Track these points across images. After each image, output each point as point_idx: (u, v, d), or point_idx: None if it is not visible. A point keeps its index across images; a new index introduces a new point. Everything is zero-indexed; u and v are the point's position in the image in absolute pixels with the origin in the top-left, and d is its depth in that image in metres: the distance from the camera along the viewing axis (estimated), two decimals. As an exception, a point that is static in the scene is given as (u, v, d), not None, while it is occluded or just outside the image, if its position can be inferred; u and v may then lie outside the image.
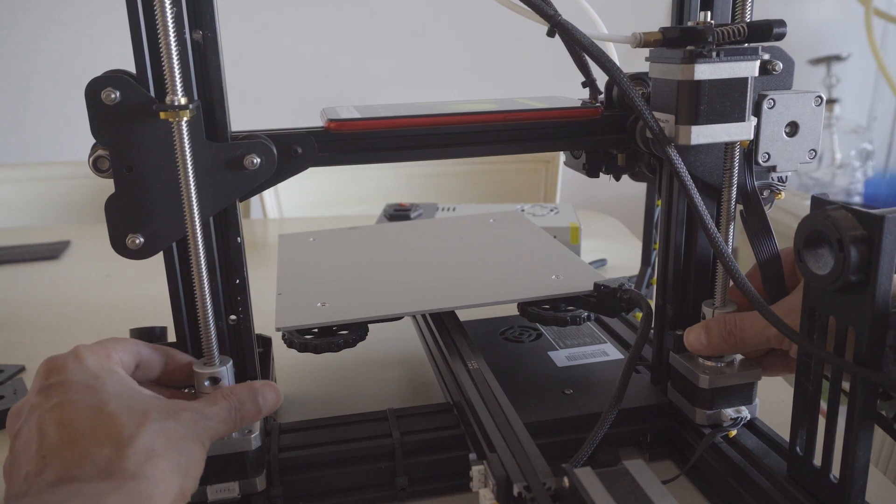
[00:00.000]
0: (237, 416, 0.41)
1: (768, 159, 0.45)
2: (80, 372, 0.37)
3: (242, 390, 0.42)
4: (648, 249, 0.70)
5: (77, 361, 0.38)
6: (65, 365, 0.38)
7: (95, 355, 0.39)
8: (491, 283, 0.60)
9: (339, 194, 1.51)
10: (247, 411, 0.41)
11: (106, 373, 0.38)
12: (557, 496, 0.36)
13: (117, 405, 0.36)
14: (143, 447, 0.34)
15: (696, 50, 0.41)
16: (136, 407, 0.36)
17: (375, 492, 0.48)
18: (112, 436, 0.34)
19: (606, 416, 0.44)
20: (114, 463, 0.33)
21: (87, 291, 0.94)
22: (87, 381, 0.37)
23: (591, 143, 0.51)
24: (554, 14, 0.42)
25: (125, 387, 0.38)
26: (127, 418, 0.35)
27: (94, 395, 0.36)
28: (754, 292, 0.40)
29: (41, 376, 0.38)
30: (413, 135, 0.47)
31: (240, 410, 0.41)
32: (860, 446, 0.37)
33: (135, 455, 0.33)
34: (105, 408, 0.35)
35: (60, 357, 0.39)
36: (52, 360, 0.39)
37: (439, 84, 2.08)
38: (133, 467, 0.33)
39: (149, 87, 0.40)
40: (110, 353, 0.40)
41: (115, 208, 0.41)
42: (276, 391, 0.43)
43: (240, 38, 1.66)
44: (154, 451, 0.34)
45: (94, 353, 0.39)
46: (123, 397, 0.37)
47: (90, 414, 0.35)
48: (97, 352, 0.39)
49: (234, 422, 0.41)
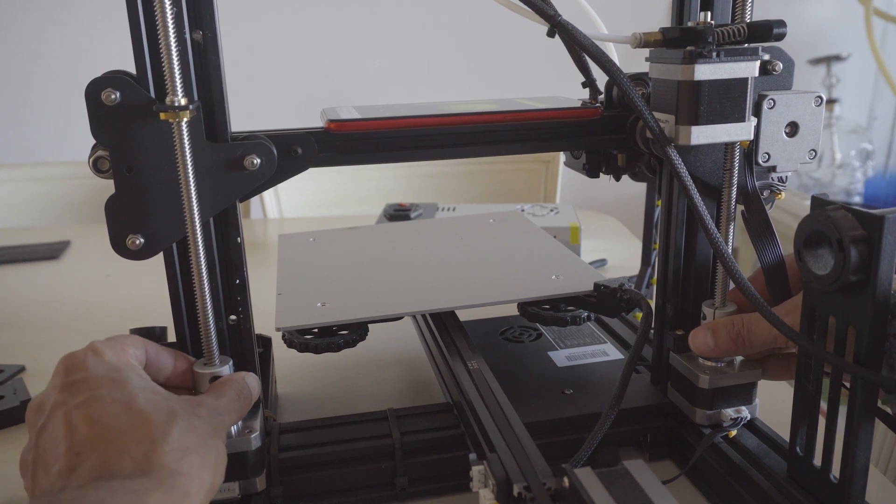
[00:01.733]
0: (239, 407, 0.42)
1: (768, 159, 0.45)
2: (101, 367, 0.38)
3: (236, 379, 0.43)
4: (648, 249, 0.70)
5: (97, 357, 0.38)
6: (85, 361, 0.38)
7: (113, 350, 0.39)
8: (491, 283, 0.60)
9: (339, 194, 1.51)
10: (246, 399, 0.42)
11: (127, 367, 0.39)
12: (557, 496, 0.36)
13: (145, 401, 0.36)
14: (178, 444, 0.34)
15: (696, 50, 0.41)
16: (163, 403, 0.37)
17: (375, 492, 0.48)
18: (147, 432, 0.34)
19: (606, 416, 0.44)
20: (152, 459, 0.33)
21: (87, 291, 0.94)
22: (110, 376, 0.37)
23: (591, 143, 0.51)
24: (554, 14, 0.42)
25: (147, 381, 0.39)
26: (158, 415, 0.35)
27: (120, 390, 0.36)
28: (754, 292, 0.40)
29: (61, 373, 0.38)
30: (413, 135, 0.47)
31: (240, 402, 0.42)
32: (860, 446, 0.37)
33: (171, 451, 0.34)
34: (134, 403, 0.36)
35: (79, 353, 0.39)
36: (70, 357, 0.39)
37: (439, 84, 2.08)
38: (171, 463, 0.33)
39: (149, 87, 0.40)
40: (125, 347, 0.40)
41: (116, 209, 0.41)
42: (255, 378, 0.45)
43: (240, 38, 1.66)
44: (188, 448, 0.35)
45: (111, 348, 0.39)
46: (148, 392, 0.37)
47: (120, 410, 0.35)
48: (113, 347, 0.40)
49: (237, 413, 0.41)
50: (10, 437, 0.58)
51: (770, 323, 0.39)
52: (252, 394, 0.43)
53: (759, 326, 0.43)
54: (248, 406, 0.43)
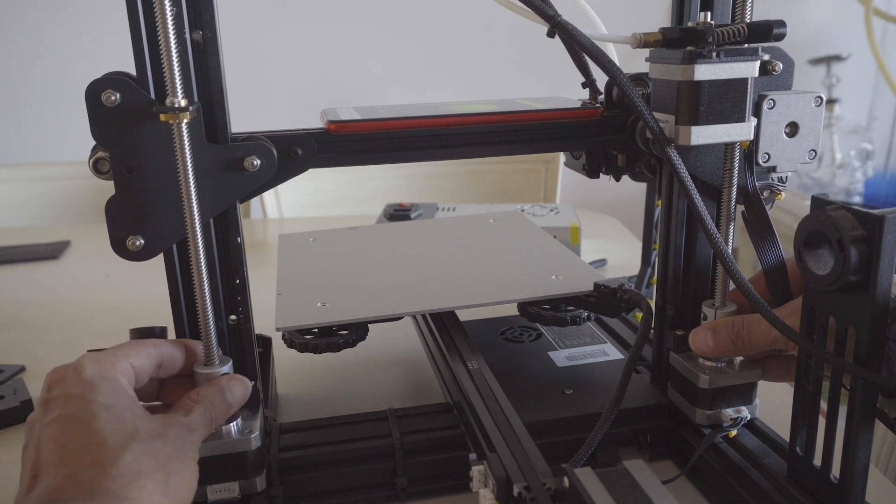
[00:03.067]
0: (211, 419, 0.40)
1: (768, 160, 0.45)
2: (77, 384, 0.37)
3: (210, 390, 0.42)
4: (648, 249, 0.70)
5: (76, 373, 0.37)
6: (64, 377, 0.37)
7: (98, 364, 0.38)
8: (491, 283, 0.60)
9: (339, 194, 1.52)
10: (217, 411, 0.41)
11: (103, 382, 0.37)
12: (557, 496, 0.36)
13: (105, 421, 0.35)
14: (128, 468, 0.33)
15: (696, 50, 0.41)
16: (126, 425, 0.35)
17: (375, 492, 0.48)
18: (97, 456, 0.33)
19: (606, 416, 0.44)
20: (97, 484, 0.32)
21: (87, 291, 0.94)
22: (81, 393, 0.36)
23: (591, 143, 0.51)
24: (554, 15, 0.42)
25: (119, 397, 0.37)
26: (113, 438, 0.34)
27: (84, 408, 0.35)
28: (755, 293, 0.40)
29: (44, 389, 0.37)
30: (413, 136, 0.47)
31: (212, 412, 0.41)
32: (860, 446, 0.37)
33: (119, 475, 0.33)
34: (93, 424, 0.35)
35: (62, 368, 0.38)
36: (53, 371, 0.38)
37: (439, 85, 2.08)
38: (117, 488, 0.32)
39: (149, 88, 0.40)
40: (117, 360, 0.39)
41: (116, 210, 0.41)
42: (243, 382, 0.43)
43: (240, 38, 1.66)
44: (140, 473, 0.34)
45: (97, 361, 0.38)
46: (115, 410, 0.36)
47: (79, 430, 0.34)
48: (102, 360, 0.39)
49: (209, 424, 0.40)
50: (9, 438, 0.59)
51: (770, 323, 0.39)
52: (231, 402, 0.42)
53: (760, 327, 0.43)
54: (221, 418, 0.41)
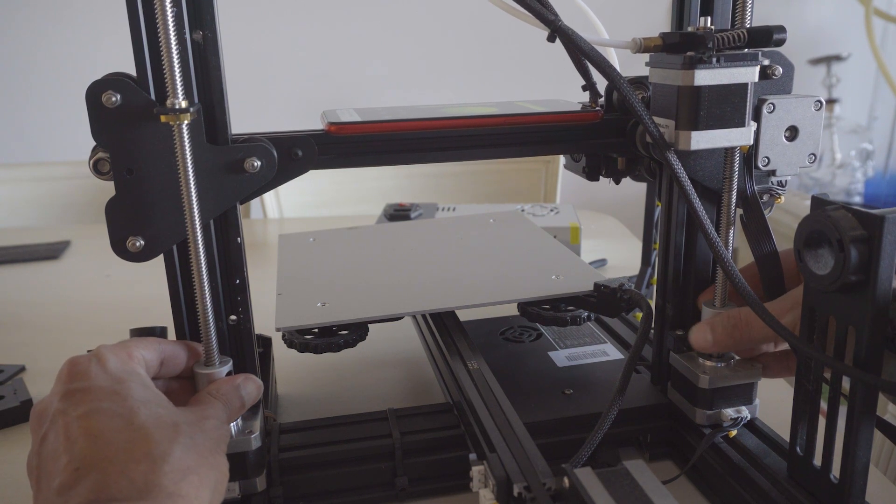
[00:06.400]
0: (230, 414, 0.41)
1: (768, 163, 0.45)
2: (103, 377, 0.37)
3: (226, 387, 0.42)
4: (648, 249, 0.70)
5: (100, 365, 0.37)
6: (88, 369, 0.37)
7: (118, 357, 0.38)
8: (491, 283, 0.60)
9: (338, 194, 1.52)
10: (234, 407, 0.42)
11: (130, 376, 0.38)
12: (557, 496, 0.36)
13: (146, 416, 0.35)
14: (178, 464, 0.34)
15: (696, 55, 0.41)
16: (166, 419, 0.36)
17: (375, 492, 0.48)
18: (146, 451, 0.33)
19: (606, 416, 0.44)
20: (151, 481, 0.32)
21: (87, 291, 0.94)
22: (112, 387, 0.36)
23: (591, 146, 0.51)
24: (554, 19, 0.42)
25: (150, 392, 0.38)
26: (159, 433, 0.35)
27: (121, 403, 0.35)
28: (754, 296, 0.40)
29: (64, 379, 0.37)
30: (413, 138, 0.47)
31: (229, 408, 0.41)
32: (860, 446, 0.37)
33: (171, 472, 0.33)
34: (135, 419, 0.35)
35: (83, 359, 0.38)
36: (74, 363, 0.38)
37: (440, 86, 2.08)
38: (170, 485, 0.33)
39: (149, 89, 0.40)
40: (132, 352, 0.39)
41: (116, 211, 0.41)
42: (256, 382, 0.44)
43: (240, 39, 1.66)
44: (188, 468, 0.34)
45: (116, 354, 0.39)
46: (151, 405, 0.36)
47: (121, 425, 0.34)
48: (119, 353, 0.39)
49: (228, 420, 0.41)
50: (10, 437, 0.58)
51: (769, 326, 0.39)
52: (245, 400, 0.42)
53: (759, 321, 0.43)
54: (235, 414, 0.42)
